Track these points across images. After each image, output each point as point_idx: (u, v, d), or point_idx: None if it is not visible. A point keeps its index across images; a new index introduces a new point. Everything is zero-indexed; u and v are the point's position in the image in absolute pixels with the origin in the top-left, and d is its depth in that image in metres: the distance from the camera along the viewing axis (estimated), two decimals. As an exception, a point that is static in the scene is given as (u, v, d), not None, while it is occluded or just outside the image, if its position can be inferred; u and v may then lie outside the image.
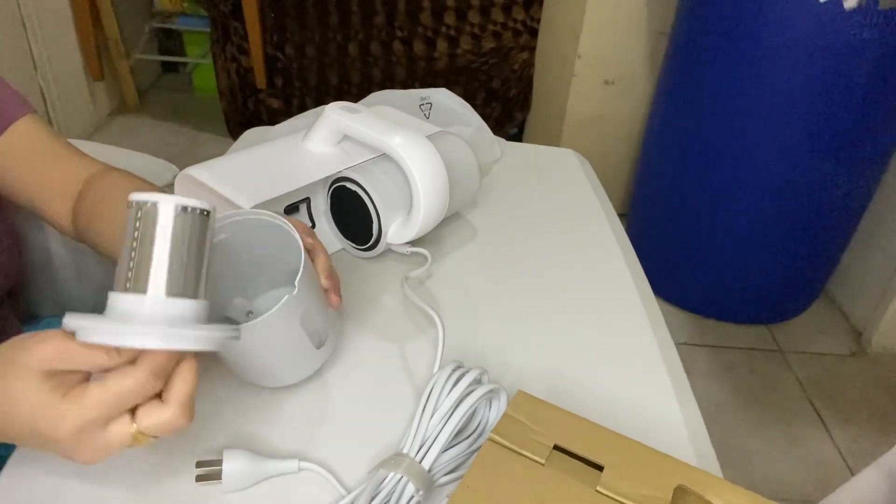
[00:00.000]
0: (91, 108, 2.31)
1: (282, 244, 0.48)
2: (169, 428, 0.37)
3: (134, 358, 0.37)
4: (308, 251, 0.48)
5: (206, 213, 0.38)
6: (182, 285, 0.37)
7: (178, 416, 0.37)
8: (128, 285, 0.37)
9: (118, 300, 0.37)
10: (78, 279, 0.80)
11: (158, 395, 0.38)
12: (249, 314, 0.53)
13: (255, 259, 0.52)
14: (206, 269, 0.39)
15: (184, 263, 0.37)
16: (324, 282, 0.50)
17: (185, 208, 0.37)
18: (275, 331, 0.45)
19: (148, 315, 0.36)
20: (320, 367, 0.54)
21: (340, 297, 0.52)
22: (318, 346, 0.50)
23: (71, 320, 0.36)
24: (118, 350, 0.37)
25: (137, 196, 0.37)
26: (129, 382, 0.36)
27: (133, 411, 0.37)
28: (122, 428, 0.37)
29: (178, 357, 0.38)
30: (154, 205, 0.37)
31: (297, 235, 0.46)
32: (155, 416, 0.37)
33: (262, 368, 0.50)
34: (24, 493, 0.44)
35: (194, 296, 0.38)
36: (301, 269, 0.45)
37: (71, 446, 0.37)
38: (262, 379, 0.52)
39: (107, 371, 0.37)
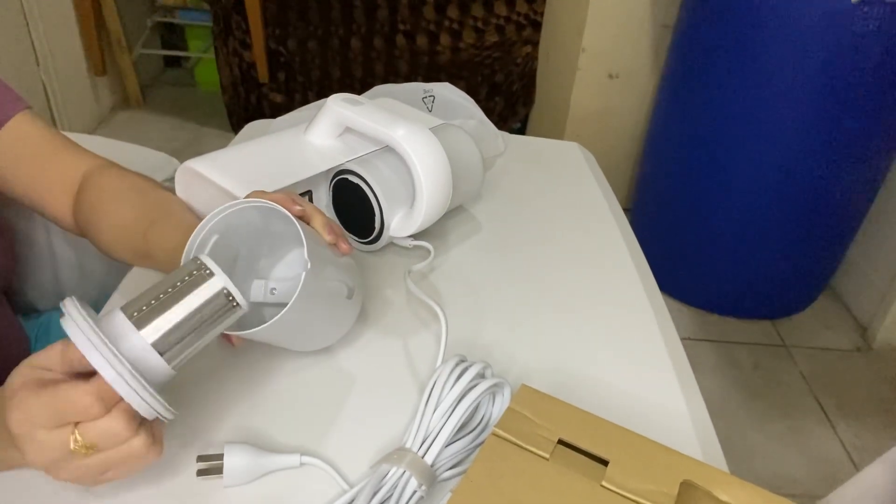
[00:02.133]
0: (94, 103, 2.31)
1: (276, 221, 0.48)
2: (107, 435, 0.37)
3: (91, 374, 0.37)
4: (301, 217, 0.48)
5: (236, 306, 0.41)
6: (170, 347, 0.39)
7: (116, 422, 0.36)
8: (135, 314, 0.38)
9: (117, 317, 0.38)
10: (79, 274, 0.80)
11: None
12: (273, 291, 0.54)
13: (256, 242, 0.52)
14: (193, 351, 0.41)
15: (186, 333, 0.39)
16: (327, 237, 0.50)
17: (228, 296, 0.41)
18: (304, 308, 0.45)
19: (125, 348, 0.37)
20: (339, 339, 0.56)
21: (348, 243, 0.52)
22: (350, 295, 0.51)
23: (67, 305, 0.37)
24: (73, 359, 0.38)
25: (204, 258, 0.41)
26: (75, 394, 0.36)
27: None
28: (63, 433, 0.36)
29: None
30: (209, 274, 0.40)
31: (284, 211, 0.46)
32: (94, 423, 0.37)
33: (308, 337, 0.52)
34: (23, 489, 0.44)
35: (169, 362, 0.39)
36: (304, 243, 0.45)
37: (21, 438, 0.37)
38: (313, 345, 0.54)
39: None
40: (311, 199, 0.66)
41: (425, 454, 0.43)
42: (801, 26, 1.30)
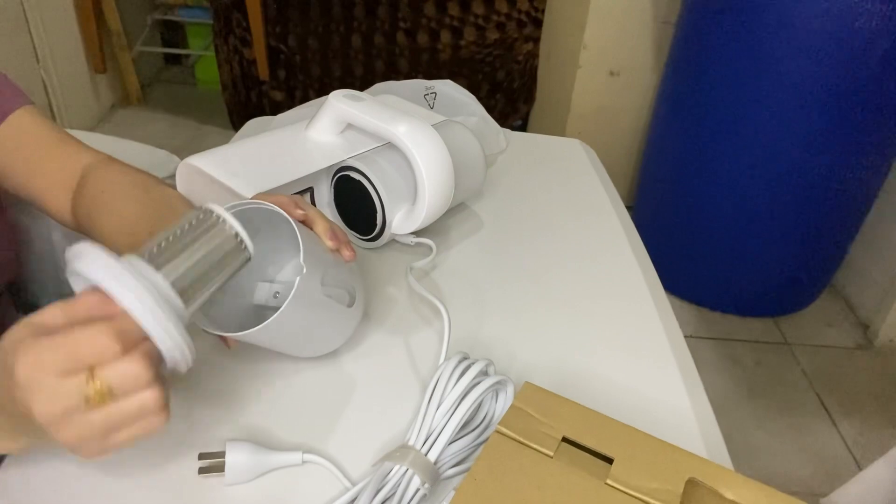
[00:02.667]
0: (94, 100, 2.31)
1: (280, 224, 0.48)
2: (126, 377, 0.34)
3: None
4: (303, 221, 0.48)
5: (245, 249, 0.41)
6: (187, 287, 0.38)
7: (137, 363, 0.34)
8: (147, 255, 0.37)
9: (132, 258, 0.37)
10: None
11: None
12: (276, 295, 0.53)
13: (262, 245, 0.51)
14: (206, 295, 0.40)
15: (200, 274, 0.39)
16: (328, 243, 0.49)
17: (238, 238, 0.41)
18: (300, 313, 0.45)
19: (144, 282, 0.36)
20: (349, 337, 0.55)
21: (353, 250, 0.51)
22: (350, 304, 0.51)
23: (83, 245, 0.37)
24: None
25: (213, 206, 0.41)
26: (92, 334, 0.34)
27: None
28: (77, 379, 0.34)
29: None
30: (219, 218, 0.40)
31: (282, 213, 0.45)
32: (112, 364, 0.34)
33: (305, 343, 0.51)
34: (24, 486, 0.43)
35: (186, 304, 0.38)
36: (301, 247, 0.44)
37: (28, 386, 0.34)
38: (311, 351, 0.53)
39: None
40: (312, 196, 0.66)
41: (428, 452, 0.43)
42: (803, 22, 1.29)
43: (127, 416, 0.35)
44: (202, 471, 0.43)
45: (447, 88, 0.86)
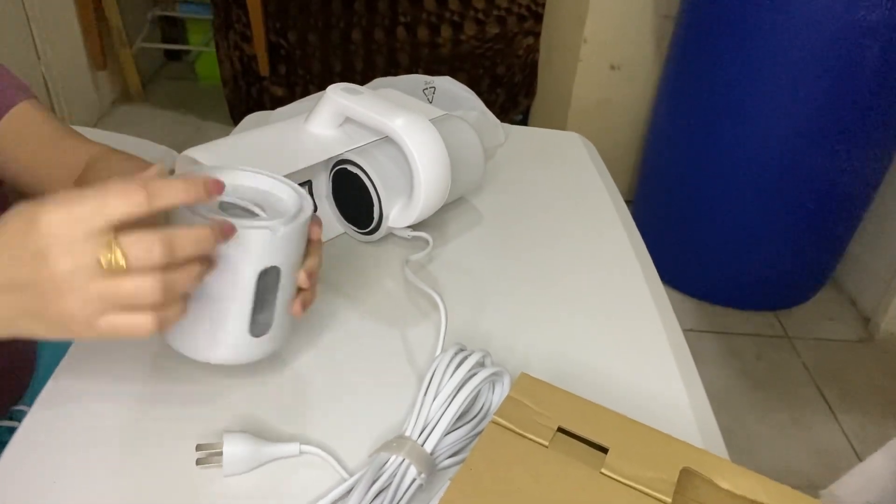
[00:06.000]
0: (94, 96, 2.31)
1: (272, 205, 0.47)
2: (141, 246, 0.35)
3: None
4: (310, 241, 0.48)
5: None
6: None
7: (153, 239, 0.35)
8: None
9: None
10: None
11: None
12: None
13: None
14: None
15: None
16: (301, 275, 0.46)
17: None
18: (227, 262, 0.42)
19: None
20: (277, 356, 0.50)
21: (303, 311, 0.47)
22: (257, 332, 0.46)
23: None
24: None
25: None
26: (116, 184, 0.35)
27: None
28: (98, 239, 0.35)
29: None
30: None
31: (309, 200, 0.46)
32: (132, 233, 0.35)
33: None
34: (22, 478, 0.44)
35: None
36: (297, 217, 0.44)
37: (48, 236, 0.34)
38: (189, 346, 0.46)
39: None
40: (310, 189, 0.66)
41: (425, 442, 0.43)
42: (803, 16, 1.29)
43: (124, 294, 0.36)
44: (200, 462, 0.44)
45: (446, 84, 0.86)
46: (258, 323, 0.46)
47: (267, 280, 0.44)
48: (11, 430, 0.47)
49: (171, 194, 0.36)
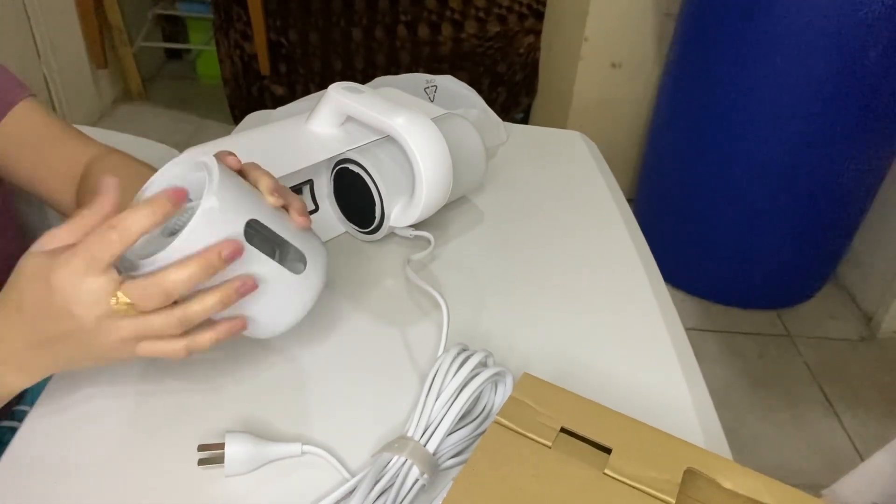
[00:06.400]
0: (95, 96, 2.31)
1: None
2: (137, 294, 0.39)
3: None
4: (240, 172, 0.46)
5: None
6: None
7: (146, 284, 0.39)
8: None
9: None
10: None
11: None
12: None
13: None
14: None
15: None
16: (270, 199, 0.45)
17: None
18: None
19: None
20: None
21: (307, 217, 0.47)
22: (297, 270, 0.46)
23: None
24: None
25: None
26: (93, 233, 0.39)
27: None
28: (103, 283, 0.38)
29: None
30: None
31: (195, 156, 0.43)
32: (129, 283, 0.39)
33: (240, 308, 0.45)
34: (24, 477, 0.43)
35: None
36: (213, 177, 0.41)
37: (63, 293, 0.38)
38: (254, 325, 0.46)
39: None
40: (312, 188, 0.66)
41: (427, 443, 0.43)
42: (805, 13, 1.29)
43: (148, 329, 0.40)
44: (202, 462, 0.44)
45: (447, 82, 0.85)
46: (290, 262, 0.47)
47: (254, 233, 0.44)
48: (13, 430, 0.47)
49: (140, 223, 0.39)
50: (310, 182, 0.66)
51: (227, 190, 0.42)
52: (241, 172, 0.46)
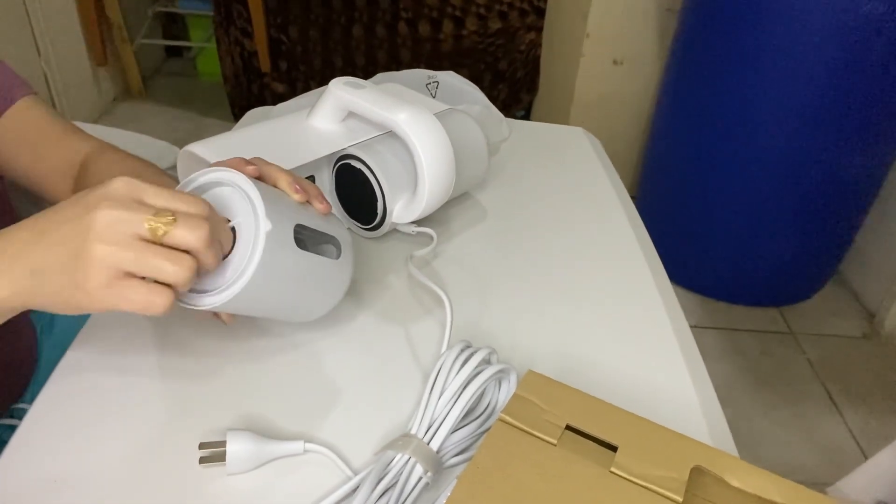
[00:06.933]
0: (95, 93, 2.30)
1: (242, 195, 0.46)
2: (187, 234, 0.38)
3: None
4: (260, 178, 0.46)
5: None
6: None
7: (200, 234, 0.38)
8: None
9: None
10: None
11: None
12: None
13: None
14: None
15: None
16: (295, 196, 0.47)
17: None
18: (277, 271, 0.44)
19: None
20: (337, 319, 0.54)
21: (326, 202, 0.49)
22: (337, 255, 0.50)
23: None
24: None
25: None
26: (191, 199, 0.39)
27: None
28: (154, 211, 0.38)
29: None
30: None
31: (230, 175, 0.44)
32: (188, 218, 0.38)
33: (298, 305, 0.50)
34: (23, 476, 0.43)
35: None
36: (256, 202, 0.43)
37: (89, 218, 0.37)
38: (307, 313, 0.52)
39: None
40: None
41: (431, 440, 0.42)
42: (808, 7, 1.28)
43: (151, 268, 0.37)
44: (203, 460, 0.43)
45: (449, 78, 0.85)
46: (325, 253, 0.49)
47: (297, 236, 0.46)
48: (12, 428, 0.46)
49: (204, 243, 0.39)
50: (311, 178, 0.65)
51: (272, 209, 0.43)
52: (259, 176, 0.47)
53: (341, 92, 0.61)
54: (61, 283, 0.38)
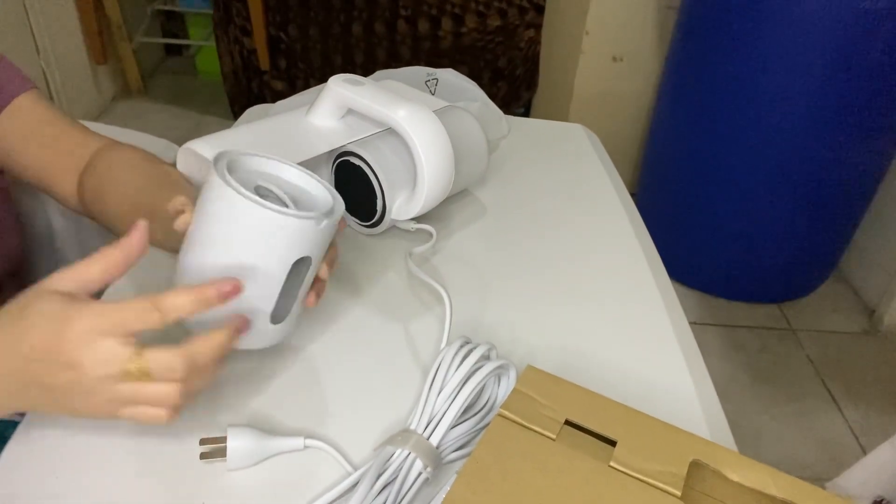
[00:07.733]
0: (95, 92, 2.30)
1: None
2: (164, 365, 0.38)
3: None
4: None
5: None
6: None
7: (176, 359, 0.38)
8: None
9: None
10: (81, 255, 0.80)
11: None
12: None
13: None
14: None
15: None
16: (323, 271, 0.48)
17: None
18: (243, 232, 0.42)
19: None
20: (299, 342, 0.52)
21: (318, 297, 0.49)
22: (275, 320, 0.46)
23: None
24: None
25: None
26: (133, 303, 0.38)
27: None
28: (121, 346, 0.38)
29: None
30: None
31: (339, 199, 0.47)
32: (156, 350, 0.38)
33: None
34: (25, 472, 0.43)
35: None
36: (334, 212, 0.45)
37: (79, 342, 0.37)
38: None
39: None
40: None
41: (430, 436, 0.42)
42: (807, 6, 1.28)
43: (145, 397, 0.39)
44: (204, 456, 0.43)
45: (448, 75, 0.85)
46: (278, 310, 0.46)
47: (297, 269, 0.45)
48: (14, 424, 0.46)
49: (183, 309, 0.39)
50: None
51: (332, 227, 0.45)
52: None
53: (340, 89, 0.61)
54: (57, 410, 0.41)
